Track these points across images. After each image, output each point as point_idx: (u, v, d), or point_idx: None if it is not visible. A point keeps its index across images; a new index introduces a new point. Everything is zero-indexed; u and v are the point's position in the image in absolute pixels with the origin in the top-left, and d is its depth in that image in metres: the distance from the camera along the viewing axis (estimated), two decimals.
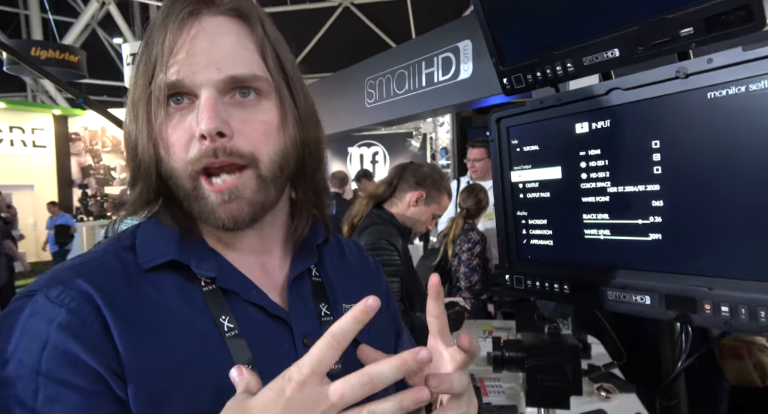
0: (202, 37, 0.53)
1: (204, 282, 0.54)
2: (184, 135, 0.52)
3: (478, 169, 3.20)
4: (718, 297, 0.57)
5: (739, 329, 0.55)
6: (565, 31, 0.68)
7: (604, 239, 0.70)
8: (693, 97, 0.58)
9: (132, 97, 0.55)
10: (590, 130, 0.70)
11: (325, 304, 0.62)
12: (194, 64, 0.52)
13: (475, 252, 2.62)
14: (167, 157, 0.53)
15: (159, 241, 0.55)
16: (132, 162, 0.56)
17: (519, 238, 0.83)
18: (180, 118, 0.53)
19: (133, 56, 7.58)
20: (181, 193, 0.54)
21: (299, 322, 0.58)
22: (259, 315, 0.56)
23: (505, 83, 0.79)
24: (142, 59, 0.54)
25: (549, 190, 0.77)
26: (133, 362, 0.48)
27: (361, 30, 10.75)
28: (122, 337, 0.48)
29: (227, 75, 0.52)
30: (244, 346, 0.52)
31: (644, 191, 0.65)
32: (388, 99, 3.63)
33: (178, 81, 0.51)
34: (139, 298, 0.51)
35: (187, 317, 0.52)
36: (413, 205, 1.79)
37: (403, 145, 8.24)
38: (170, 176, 0.54)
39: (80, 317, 0.48)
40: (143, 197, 0.56)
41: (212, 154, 0.51)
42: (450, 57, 3.03)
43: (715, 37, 0.54)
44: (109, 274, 0.52)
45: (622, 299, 0.68)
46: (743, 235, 0.55)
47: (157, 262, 0.53)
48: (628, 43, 0.62)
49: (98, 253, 0.55)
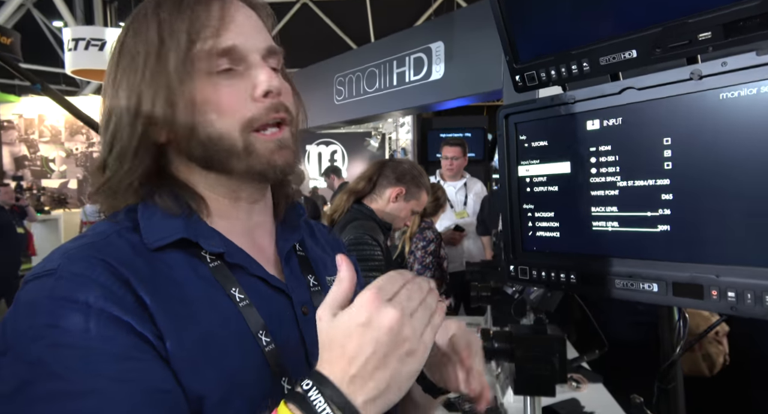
0: (243, 13, 0.59)
1: (210, 258, 0.57)
2: (238, 96, 0.56)
3: (455, 166, 3.30)
4: (725, 283, 0.62)
5: (745, 313, 0.60)
6: (584, 31, 0.71)
7: (613, 231, 0.74)
8: (706, 97, 0.63)
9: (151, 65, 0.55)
10: (601, 127, 0.74)
11: (312, 275, 0.67)
12: (244, 34, 0.57)
13: (429, 250, 2.72)
14: (215, 120, 0.55)
15: (164, 221, 0.57)
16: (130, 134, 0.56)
17: (524, 230, 0.86)
18: (230, 81, 0.56)
19: (75, 41, 7.12)
20: (230, 152, 0.56)
21: (297, 293, 0.63)
22: (261, 287, 0.59)
23: (517, 80, 0.81)
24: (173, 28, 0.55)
25: (557, 184, 0.80)
26: (167, 330, 0.49)
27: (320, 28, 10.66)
28: (155, 311, 0.50)
29: (269, 45, 0.59)
30: (256, 313, 0.56)
31: (654, 185, 0.69)
32: (358, 97, 3.64)
33: (232, 47, 0.56)
34: (157, 274, 0.53)
35: (202, 290, 0.55)
36: (393, 201, 1.82)
37: (361, 144, 8.26)
38: (218, 139, 0.56)
39: (113, 289, 0.48)
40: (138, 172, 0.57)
41: (275, 110, 0.57)
42: (422, 57, 3.08)
43: (732, 42, 0.58)
44: (122, 251, 0.53)
45: (629, 287, 0.71)
46: (750, 225, 0.60)
47: (167, 241, 0.55)
48: (646, 44, 0.65)
49: (99, 235, 0.55)
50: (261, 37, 0.59)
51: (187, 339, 0.50)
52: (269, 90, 0.56)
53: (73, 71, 7.19)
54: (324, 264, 0.72)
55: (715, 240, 0.63)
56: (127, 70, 0.57)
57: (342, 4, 10.24)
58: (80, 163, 9.56)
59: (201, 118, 0.55)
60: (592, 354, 1.11)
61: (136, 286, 0.50)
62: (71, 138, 9.59)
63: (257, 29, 0.60)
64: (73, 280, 0.48)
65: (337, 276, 0.49)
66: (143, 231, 0.56)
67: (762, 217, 0.59)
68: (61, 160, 9.53)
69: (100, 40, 6.85)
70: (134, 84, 0.56)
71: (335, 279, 0.49)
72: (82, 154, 9.54)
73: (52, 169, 9.51)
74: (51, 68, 9.92)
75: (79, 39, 6.92)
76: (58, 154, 9.54)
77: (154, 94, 0.55)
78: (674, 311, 0.76)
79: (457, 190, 3.42)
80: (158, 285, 0.52)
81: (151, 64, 0.55)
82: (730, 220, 0.62)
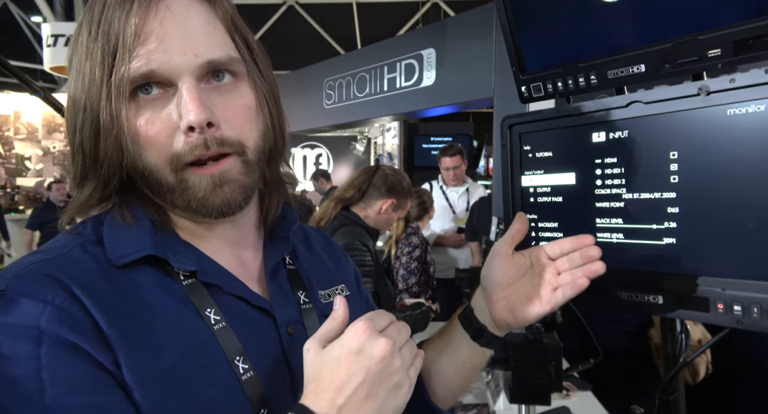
0: (170, 21, 0.48)
1: (183, 276, 0.52)
2: (165, 128, 0.49)
3: (459, 175, 3.36)
4: (731, 297, 0.63)
5: (752, 327, 0.61)
6: (593, 44, 0.71)
7: (617, 242, 0.74)
8: (713, 112, 0.63)
9: (83, 87, 0.49)
10: (607, 139, 0.74)
11: (303, 291, 0.63)
12: (167, 52, 0.48)
13: (414, 255, 2.74)
14: (142, 153, 0.50)
15: (131, 236, 0.52)
16: (84, 158, 0.51)
17: (527, 240, 0.86)
18: (154, 110, 0.49)
19: (55, 37, 6.96)
20: (163, 187, 0.51)
21: (282, 311, 0.58)
22: (241, 306, 0.55)
23: (523, 91, 0.82)
24: (95, 45, 0.48)
25: (561, 195, 0.81)
26: (127, 363, 0.45)
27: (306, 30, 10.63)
28: (113, 337, 0.45)
29: (205, 60, 0.49)
30: (233, 337, 0.52)
31: (660, 198, 0.69)
32: (348, 101, 3.63)
33: (151, 71, 0.47)
34: (120, 294, 0.48)
35: (172, 312, 0.50)
36: (383, 212, 1.86)
37: (347, 148, 8.25)
38: (148, 172, 0.51)
39: (69, 312, 0.44)
40: (98, 196, 0.52)
41: (204, 146, 0.49)
42: (413, 64, 3.09)
43: (741, 60, 0.59)
44: (83, 269, 0.48)
45: (634, 299, 0.72)
46: (755, 239, 0.61)
47: (133, 258, 0.50)
48: (656, 59, 0.66)
49: (61, 248, 0.50)
50: (199, 47, 0.49)
51: (151, 369, 0.46)
52: (190, 126, 0.48)
53: (52, 68, 7.02)
54: (317, 277, 0.67)
55: (721, 253, 0.64)
56: (70, 81, 0.52)
57: (328, 8, 10.23)
58: (58, 161, 9.33)
59: (131, 148, 0.49)
60: (587, 363, 1.12)
61: (93, 310, 0.45)
62: (48, 136, 9.36)
63: (194, 36, 0.49)
64: (23, 303, 0.43)
65: (331, 313, 0.47)
66: (107, 246, 0.51)
67: (766, 231, 0.60)
68: (37, 159, 9.29)
69: None
70: (72, 99, 0.52)
71: (329, 316, 0.47)
72: (59, 152, 9.31)
73: (27, 168, 9.26)
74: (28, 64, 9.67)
75: (58, 35, 6.76)
76: (34, 152, 9.30)
77: (84, 117, 0.50)
78: (677, 323, 0.76)
79: (459, 195, 3.46)
80: (121, 308, 0.47)
81: (80, 83, 0.50)
82: (736, 234, 0.63)
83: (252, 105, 0.54)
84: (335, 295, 0.68)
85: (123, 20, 0.47)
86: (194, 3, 0.51)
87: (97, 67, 0.48)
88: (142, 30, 0.47)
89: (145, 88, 0.49)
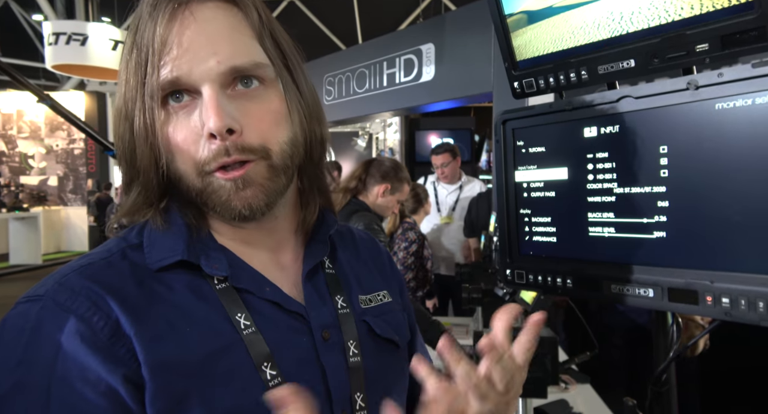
0: (194, 28, 0.49)
1: (217, 280, 0.53)
2: (191, 135, 0.50)
3: (448, 173, 3.32)
4: (719, 290, 0.63)
5: (740, 319, 0.62)
6: (583, 40, 0.72)
7: (609, 237, 0.75)
8: (702, 106, 0.64)
9: (123, 96, 0.52)
10: (599, 134, 0.75)
11: (341, 296, 0.62)
12: (191, 60, 0.49)
13: (411, 251, 2.76)
14: (173, 160, 0.52)
15: (167, 241, 0.54)
16: (126, 165, 0.54)
17: (521, 234, 0.87)
18: (183, 117, 0.51)
19: (56, 35, 6.97)
20: (192, 193, 0.53)
21: (317, 316, 0.57)
22: (274, 311, 0.55)
23: (516, 87, 0.82)
24: (131, 55, 0.51)
25: (554, 190, 0.81)
26: (152, 362, 0.46)
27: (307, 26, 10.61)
28: (138, 336, 0.47)
29: (228, 67, 0.49)
30: (261, 342, 0.52)
31: (650, 192, 0.70)
32: (348, 97, 3.63)
33: (175, 79, 0.49)
34: (152, 297, 0.50)
35: (202, 316, 0.51)
36: (381, 196, 2.13)
37: (348, 143, 8.24)
38: (179, 178, 0.52)
39: (89, 323, 0.46)
40: (142, 201, 0.54)
41: (225, 153, 0.49)
42: (413, 59, 3.09)
43: (729, 54, 0.60)
44: (117, 274, 0.51)
45: (625, 292, 0.73)
46: (743, 232, 0.62)
47: (166, 263, 0.52)
48: (645, 54, 0.67)
49: (105, 253, 0.53)
50: (222, 54, 0.49)
51: (178, 369, 0.47)
52: (211, 133, 0.48)
53: (54, 66, 7.05)
54: (359, 281, 0.66)
55: (709, 247, 0.65)
56: (119, 85, 0.53)
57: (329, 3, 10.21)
58: (60, 159, 9.38)
59: (165, 154, 0.51)
60: (583, 356, 1.12)
61: (119, 314, 0.47)
62: (51, 134, 9.40)
63: (217, 43, 0.49)
64: (53, 312, 0.47)
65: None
66: (146, 250, 0.53)
67: (755, 224, 0.61)
68: (40, 157, 9.33)
69: (82, 34, 6.73)
70: (116, 107, 0.53)
71: None
72: (62, 150, 9.35)
73: (31, 166, 9.30)
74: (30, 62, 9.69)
75: (59, 33, 6.78)
76: (37, 151, 9.34)
77: (124, 125, 0.52)
78: (668, 316, 0.77)
79: (449, 192, 3.40)
80: (151, 310, 0.49)
81: (121, 91, 0.52)
82: (725, 228, 0.63)
83: (279, 110, 0.53)
84: (377, 300, 0.66)
85: (152, 30, 0.49)
86: (220, 10, 0.51)
87: (132, 77, 0.50)
88: (167, 39, 0.49)
89: (176, 96, 0.50)
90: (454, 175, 3.37)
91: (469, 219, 3.22)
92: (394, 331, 0.65)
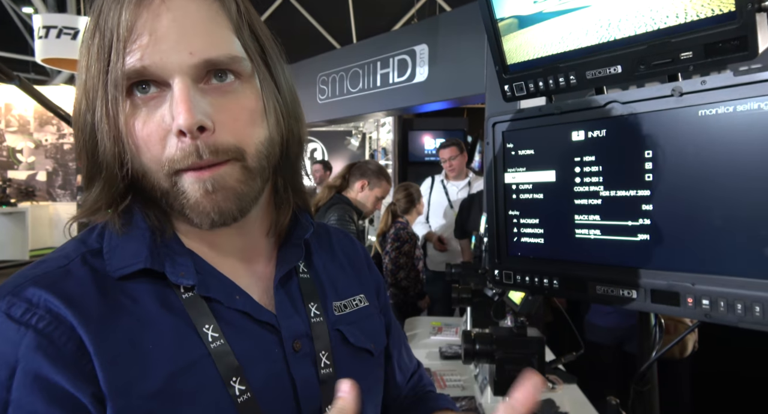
0: (166, 16, 0.45)
1: (183, 289, 0.50)
2: (158, 130, 0.46)
3: (455, 166, 3.33)
4: (700, 292, 0.65)
5: (719, 320, 0.63)
6: (572, 46, 0.73)
7: (595, 239, 0.77)
8: (686, 113, 0.66)
9: (83, 84, 0.48)
10: (586, 138, 0.77)
11: (314, 303, 0.59)
12: (161, 49, 0.44)
13: (403, 250, 2.79)
14: (137, 155, 0.47)
15: (129, 245, 0.50)
16: (87, 159, 0.50)
17: (510, 235, 0.88)
18: (149, 110, 0.47)
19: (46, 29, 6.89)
20: (157, 192, 0.49)
21: (288, 326, 0.55)
22: (245, 321, 0.52)
23: (506, 90, 0.83)
24: (93, 40, 0.47)
25: (542, 192, 0.83)
26: (112, 383, 0.44)
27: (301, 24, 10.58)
28: (98, 357, 0.44)
29: (201, 59, 0.46)
30: (230, 355, 0.49)
31: (635, 196, 0.71)
32: (341, 96, 3.64)
33: (143, 68, 0.45)
34: (115, 309, 0.47)
35: (167, 329, 0.48)
36: (360, 191, 2.41)
37: (342, 143, 8.23)
38: (143, 174, 0.48)
39: (51, 338, 0.43)
40: (103, 199, 0.50)
41: (196, 155, 0.45)
42: (406, 59, 3.10)
43: (711, 63, 0.61)
44: (78, 284, 0.47)
45: (609, 293, 0.74)
46: (723, 236, 0.63)
47: (128, 271, 0.49)
48: (631, 61, 0.68)
49: (63, 259, 0.49)
50: (196, 45, 0.45)
51: (139, 390, 0.44)
52: (180, 130, 0.45)
53: (44, 60, 6.96)
54: (334, 286, 0.64)
55: (691, 250, 0.66)
56: (78, 72, 0.49)
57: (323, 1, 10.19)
58: (50, 154, 9.27)
59: (126, 149, 0.47)
60: (570, 356, 1.14)
61: (80, 330, 0.44)
62: (41, 128, 9.28)
63: (191, 34, 0.45)
64: (7, 327, 0.43)
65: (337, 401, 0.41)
66: (106, 257, 0.49)
67: (736, 228, 0.62)
68: (29, 151, 9.22)
69: (73, 28, 6.63)
70: (76, 97, 0.49)
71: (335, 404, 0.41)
72: (52, 145, 9.24)
73: (19, 161, 9.19)
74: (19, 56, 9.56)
75: (50, 26, 6.68)
76: (26, 145, 9.21)
77: (85, 116, 0.48)
78: (651, 317, 0.79)
79: (460, 189, 3.39)
80: (113, 326, 0.45)
81: (81, 80, 0.48)
82: (707, 231, 0.65)
83: (255, 108, 0.50)
84: (352, 306, 0.64)
85: (117, 13, 0.45)
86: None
87: (94, 63, 0.46)
88: (135, 25, 0.44)
89: (142, 87, 0.46)
90: (461, 170, 3.37)
91: (460, 220, 3.23)
92: (368, 338, 0.64)
